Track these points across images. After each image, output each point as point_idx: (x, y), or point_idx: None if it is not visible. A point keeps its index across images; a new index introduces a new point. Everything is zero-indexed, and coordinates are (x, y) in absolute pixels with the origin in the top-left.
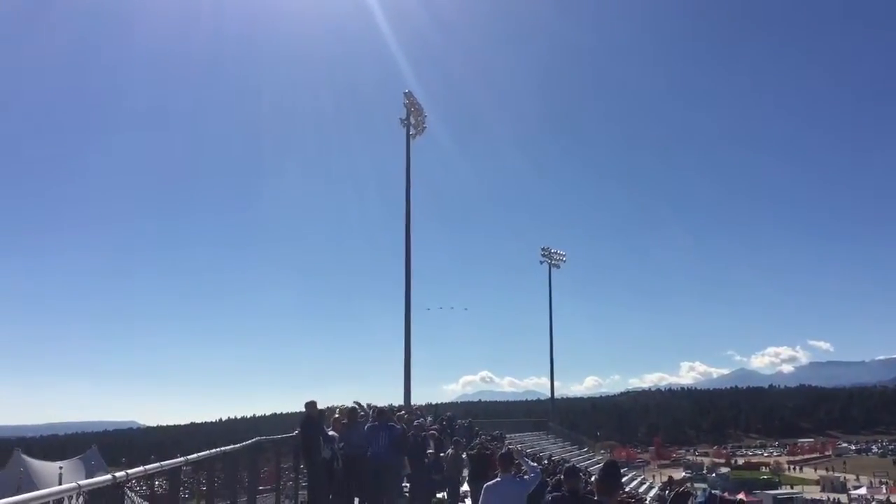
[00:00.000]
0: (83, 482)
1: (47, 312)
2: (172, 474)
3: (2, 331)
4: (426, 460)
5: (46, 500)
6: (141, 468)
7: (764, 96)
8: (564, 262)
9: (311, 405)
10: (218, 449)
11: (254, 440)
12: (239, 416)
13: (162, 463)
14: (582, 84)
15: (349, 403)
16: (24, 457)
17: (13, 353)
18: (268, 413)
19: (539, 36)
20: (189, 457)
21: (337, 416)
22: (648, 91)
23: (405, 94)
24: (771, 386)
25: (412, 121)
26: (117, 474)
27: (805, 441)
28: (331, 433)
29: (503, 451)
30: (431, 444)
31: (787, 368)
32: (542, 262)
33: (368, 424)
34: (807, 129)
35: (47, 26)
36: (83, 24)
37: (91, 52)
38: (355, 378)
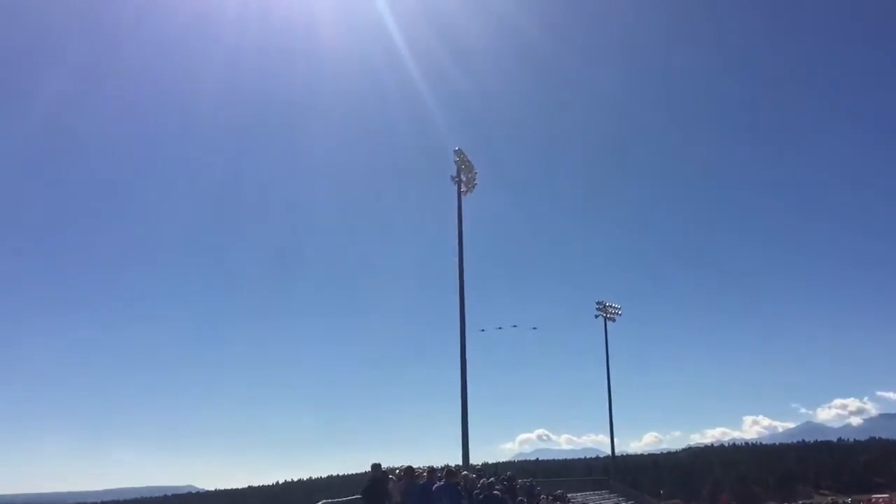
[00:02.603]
0: None
1: (104, 379)
2: None
3: (60, 397)
4: None
5: None
6: None
7: (820, 156)
8: (620, 315)
9: (376, 467)
10: None
11: (321, 503)
12: (295, 479)
13: None
14: (630, 137)
15: (406, 464)
16: None
17: (71, 419)
18: (324, 475)
19: (588, 91)
20: None
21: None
22: (699, 145)
23: (455, 151)
24: (840, 439)
25: (463, 178)
26: None
27: (880, 497)
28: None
29: None
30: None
31: (856, 421)
32: (597, 316)
33: (437, 485)
34: (865, 189)
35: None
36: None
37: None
38: (411, 439)
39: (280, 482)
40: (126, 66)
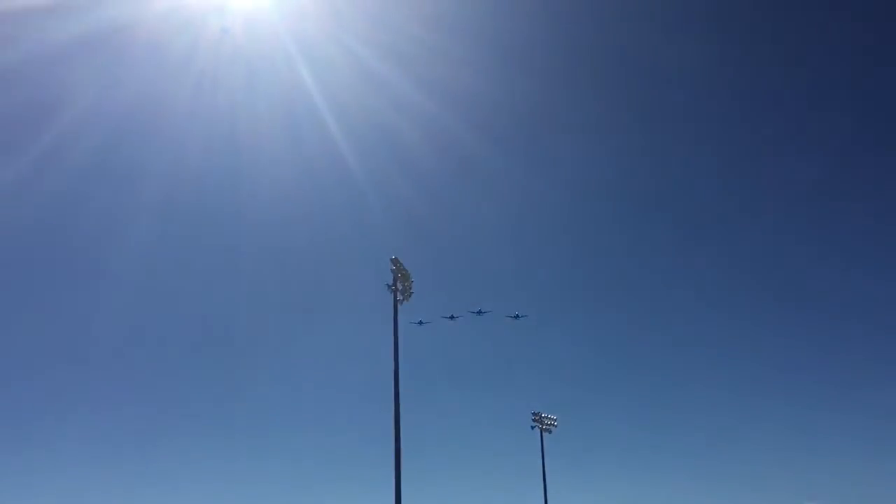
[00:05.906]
0: None
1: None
2: None
3: None
4: None
5: None
6: None
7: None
8: (556, 426)
9: None
10: None
11: None
12: None
13: None
14: (573, 244)
15: None
16: None
17: None
18: None
19: (517, 195)
20: None
21: None
22: (626, 251)
23: (392, 259)
24: None
25: (399, 286)
26: None
27: None
28: None
29: None
30: None
31: None
32: (533, 428)
33: None
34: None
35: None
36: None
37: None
38: None
39: None
40: None
